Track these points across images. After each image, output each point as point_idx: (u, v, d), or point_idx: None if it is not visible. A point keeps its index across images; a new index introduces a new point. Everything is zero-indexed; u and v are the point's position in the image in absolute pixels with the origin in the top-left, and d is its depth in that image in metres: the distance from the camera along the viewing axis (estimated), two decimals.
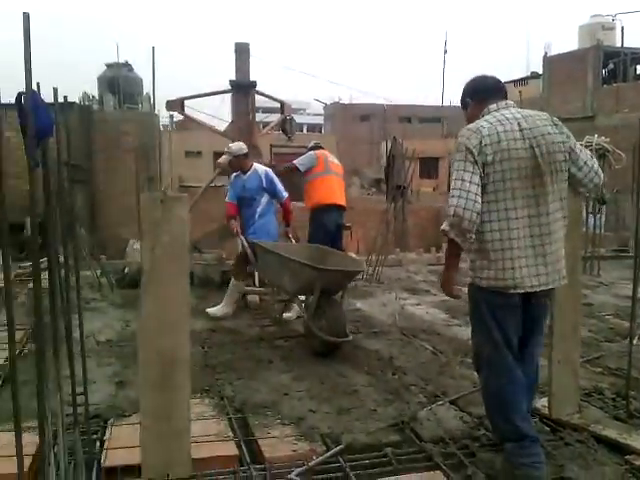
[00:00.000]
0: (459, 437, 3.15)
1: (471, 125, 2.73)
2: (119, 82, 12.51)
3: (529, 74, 30.30)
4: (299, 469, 2.77)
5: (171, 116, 24.06)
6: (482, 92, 2.87)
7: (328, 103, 44.70)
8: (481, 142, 2.60)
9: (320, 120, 50.22)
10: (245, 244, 5.50)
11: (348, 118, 40.74)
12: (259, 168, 5.85)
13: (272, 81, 20.97)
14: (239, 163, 5.79)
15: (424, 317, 5.69)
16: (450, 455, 2.95)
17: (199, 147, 27.67)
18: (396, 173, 7.90)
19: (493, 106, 2.77)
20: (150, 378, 2.62)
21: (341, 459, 2.89)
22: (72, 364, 2.59)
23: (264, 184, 5.74)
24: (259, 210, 5.72)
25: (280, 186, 5.89)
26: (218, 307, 5.59)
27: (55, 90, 2.27)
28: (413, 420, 3.31)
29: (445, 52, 36.81)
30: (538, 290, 2.66)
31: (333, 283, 4.68)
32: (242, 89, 6.33)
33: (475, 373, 4.02)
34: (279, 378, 3.98)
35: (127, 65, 14.37)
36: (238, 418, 3.36)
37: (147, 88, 15.82)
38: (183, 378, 2.62)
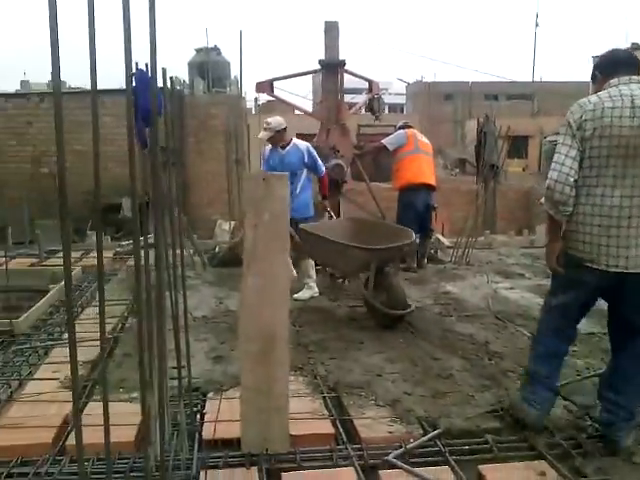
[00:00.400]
0: (564, 426, 3.00)
1: (581, 99, 2.68)
2: (208, 66, 12.83)
3: (629, 45, 28.22)
4: (397, 451, 2.73)
5: (255, 99, 24.43)
6: (610, 66, 2.75)
7: (410, 82, 43.76)
8: (582, 117, 2.59)
9: (402, 100, 49.28)
10: (291, 229, 5.37)
11: (431, 97, 39.72)
12: (300, 143, 5.69)
13: (354, 60, 20.73)
14: (281, 137, 5.60)
15: (519, 301, 5.46)
16: (555, 445, 2.81)
17: None
18: (488, 152, 7.58)
19: (614, 81, 2.66)
20: (251, 353, 2.65)
21: (439, 443, 2.82)
22: (177, 338, 2.67)
23: (306, 159, 5.60)
24: (299, 185, 5.57)
25: (320, 161, 5.75)
26: (303, 291, 5.62)
27: (164, 71, 2.30)
28: (513, 407, 3.18)
29: (536, 25, 34.97)
30: (617, 271, 2.60)
31: (387, 259, 4.80)
32: (331, 68, 6.27)
33: (578, 361, 3.86)
34: (371, 359, 3.95)
35: (216, 49, 14.71)
36: (332, 397, 3.36)
37: (235, 71, 16.16)
38: (283, 354, 2.63)
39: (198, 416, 3.09)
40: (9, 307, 6.05)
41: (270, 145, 5.66)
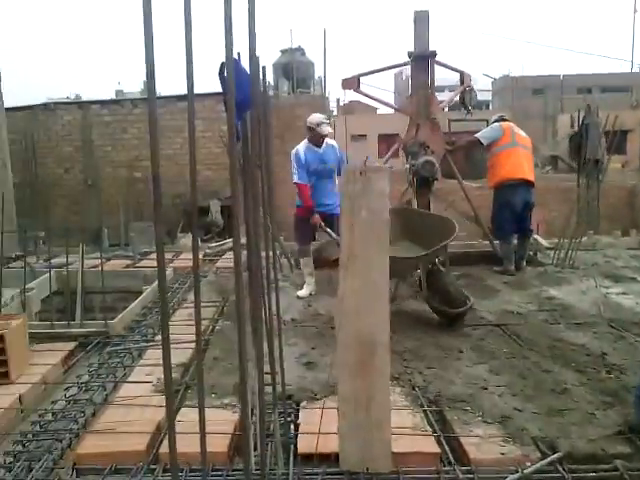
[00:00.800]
0: None
1: None
2: (292, 67, 12.84)
3: None
4: (513, 476, 2.44)
5: (337, 100, 24.35)
6: None
7: (497, 77, 42.23)
8: None
9: (487, 96, 47.65)
10: (335, 236, 5.15)
11: (519, 92, 38.08)
12: (332, 141, 5.59)
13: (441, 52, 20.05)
14: (321, 135, 5.41)
15: (635, 308, 4.93)
16: None
17: (364, 130, 27.77)
18: (591, 146, 7.00)
19: None
20: (348, 362, 2.45)
21: (561, 468, 2.51)
22: (271, 343, 2.52)
23: (339, 154, 5.53)
24: (336, 182, 5.47)
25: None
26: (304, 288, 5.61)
27: (256, 59, 2.14)
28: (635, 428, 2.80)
29: (635, 12, 32.68)
30: None
31: (434, 258, 4.69)
32: (422, 60, 5.99)
33: None
34: (473, 370, 3.65)
35: (300, 49, 14.72)
36: (434, 411, 3.10)
37: (318, 71, 16.12)
38: (383, 363, 2.42)
39: (292, 427, 2.94)
40: (105, 308, 6.22)
41: (305, 145, 5.50)
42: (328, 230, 5.34)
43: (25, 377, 3.53)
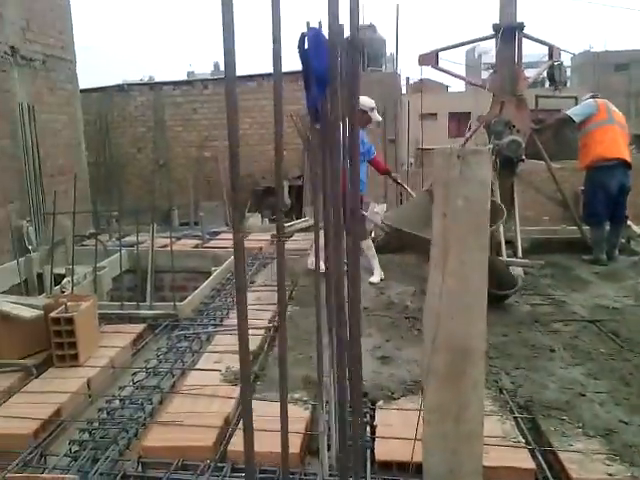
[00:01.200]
0: None
1: None
2: (364, 44, 12.40)
3: None
4: None
5: (407, 78, 23.64)
6: None
7: (576, 53, 39.91)
8: None
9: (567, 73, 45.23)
10: (379, 223, 5.19)
11: (601, 68, 35.84)
12: None
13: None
14: (371, 121, 5.24)
15: None
16: None
17: (434, 109, 26.93)
18: None
19: None
20: (437, 367, 2.17)
21: None
22: (355, 335, 2.28)
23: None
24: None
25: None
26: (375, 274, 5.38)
27: (343, 27, 1.89)
28: None
29: None
30: None
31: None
32: (508, 32, 5.51)
33: None
34: (567, 372, 3.29)
35: (371, 26, 14.26)
36: (525, 418, 2.79)
37: (390, 49, 15.60)
38: (478, 373, 2.12)
39: (368, 428, 2.71)
40: (175, 287, 6.21)
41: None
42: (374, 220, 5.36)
43: (93, 360, 3.47)
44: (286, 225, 8.28)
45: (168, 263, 5.44)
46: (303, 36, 2.02)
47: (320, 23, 2.06)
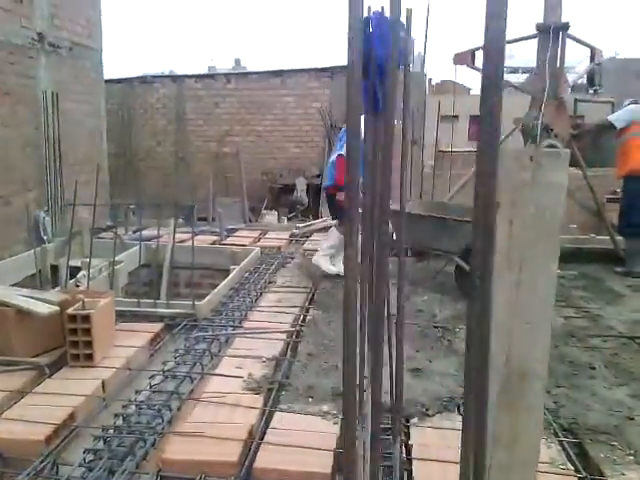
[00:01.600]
0: None
1: None
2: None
3: None
4: None
5: (429, 79, 23.36)
6: None
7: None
8: None
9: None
10: None
11: (625, 75, 35.28)
12: None
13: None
14: None
15: None
16: None
17: (455, 111, 26.58)
18: None
19: None
20: (491, 389, 1.98)
21: None
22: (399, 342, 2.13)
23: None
24: None
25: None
26: None
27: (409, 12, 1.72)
28: None
29: None
30: None
31: None
32: (552, 32, 5.27)
33: None
34: (611, 393, 3.08)
35: (400, 24, 13.99)
36: (571, 443, 2.58)
37: (418, 48, 15.33)
38: (536, 399, 1.92)
39: (403, 448, 2.52)
40: (192, 283, 6.07)
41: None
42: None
43: (109, 360, 3.31)
44: (303, 225, 8.10)
45: (184, 259, 5.29)
46: (367, 20, 1.89)
47: (382, 7, 1.95)
